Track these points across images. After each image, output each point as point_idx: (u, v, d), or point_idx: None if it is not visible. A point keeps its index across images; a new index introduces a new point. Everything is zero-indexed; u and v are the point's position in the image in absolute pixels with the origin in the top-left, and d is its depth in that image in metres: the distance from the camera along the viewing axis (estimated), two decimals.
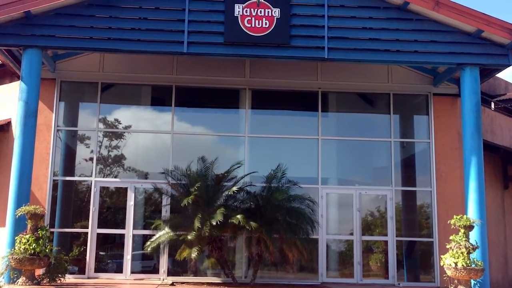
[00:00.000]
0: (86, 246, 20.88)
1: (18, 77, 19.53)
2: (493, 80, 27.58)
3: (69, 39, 18.76)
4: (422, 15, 19.22)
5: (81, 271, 20.84)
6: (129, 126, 22.43)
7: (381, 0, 19.23)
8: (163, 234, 18.90)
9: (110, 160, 22.35)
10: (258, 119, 22.66)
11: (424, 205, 22.59)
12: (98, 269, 21.01)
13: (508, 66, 19.49)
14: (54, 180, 21.21)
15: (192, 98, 23.01)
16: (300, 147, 22.31)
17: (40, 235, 16.59)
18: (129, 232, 21.07)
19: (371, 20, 19.33)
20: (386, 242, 21.84)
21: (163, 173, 19.91)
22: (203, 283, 19.70)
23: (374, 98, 23.35)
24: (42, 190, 20.81)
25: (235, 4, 18.77)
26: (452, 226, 17.35)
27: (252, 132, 22.05)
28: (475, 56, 19.31)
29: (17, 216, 16.87)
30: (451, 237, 17.32)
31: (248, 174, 20.40)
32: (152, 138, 22.56)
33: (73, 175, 21.87)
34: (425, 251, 22.16)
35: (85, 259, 20.80)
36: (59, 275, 17.80)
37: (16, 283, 16.58)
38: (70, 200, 21.93)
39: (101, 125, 22.05)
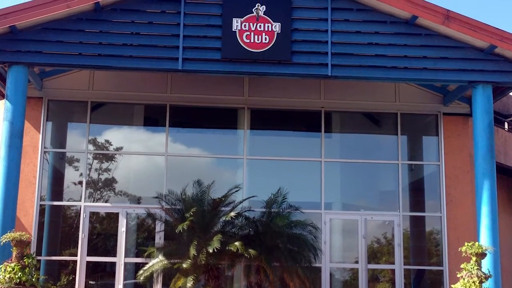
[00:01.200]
0: (75, 275, 20.76)
1: (3, 96, 19.49)
2: (506, 99, 27.56)
3: (56, 55, 18.70)
4: (432, 30, 19.20)
5: None
6: (121, 148, 22.44)
7: (388, 14, 19.21)
8: (157, 262, 18.79)
9: (100, 184, 22.30)
10: (257, 140, 22.63)
11: (433, 232, 22.54)
12: None
13: None
14: (41, 205, 21.13)
15: (187, 118, 23.02)
16: (302, 170, 22.28)
17: (26, 263, 16.47)
18: (120, 260, 20.99)
19: (377, 35, 19.29)
20: (393, 270, 21.75)
21: (156, 197, 19.82)
22: None
23: (381, 118, 23.36)
24: (28, 215, 20.74)
25: (233, 18, 18.73)
26: (463, 254, 17.26)
27: (251, 154, 22.00)
28: (487, 74, 19.26)
29: (1, 243, 16.75)
30: (462, 266, 17.23)
31: (247, 199, 20.34)
32: (145, 160, 22.56)
33: (61, 200, 21.84)
34: (434, 280, 22.08)
35: None
36: None
37: None
38: (58, 226, 21.87)
39: (90, 147, 22.02)
